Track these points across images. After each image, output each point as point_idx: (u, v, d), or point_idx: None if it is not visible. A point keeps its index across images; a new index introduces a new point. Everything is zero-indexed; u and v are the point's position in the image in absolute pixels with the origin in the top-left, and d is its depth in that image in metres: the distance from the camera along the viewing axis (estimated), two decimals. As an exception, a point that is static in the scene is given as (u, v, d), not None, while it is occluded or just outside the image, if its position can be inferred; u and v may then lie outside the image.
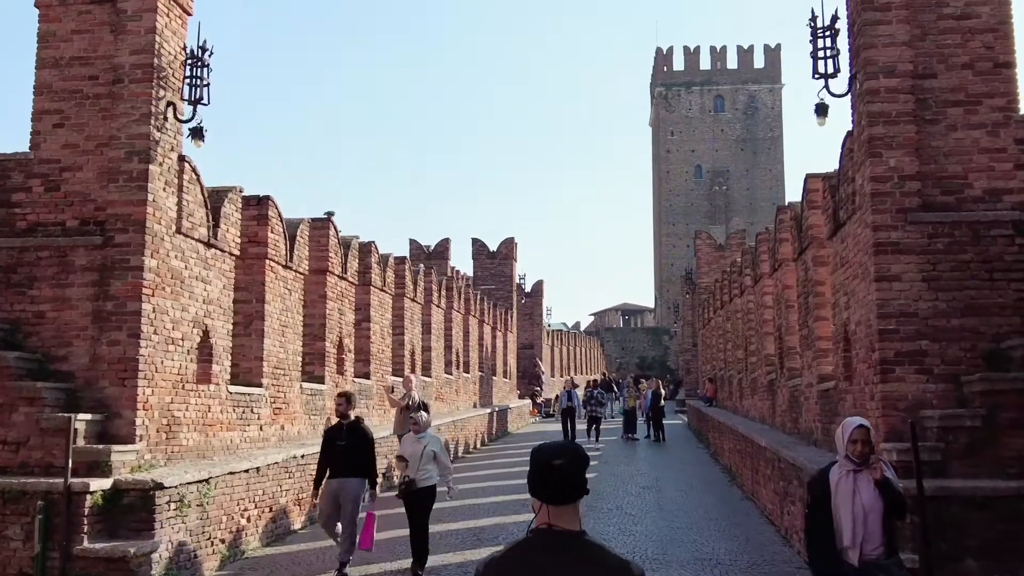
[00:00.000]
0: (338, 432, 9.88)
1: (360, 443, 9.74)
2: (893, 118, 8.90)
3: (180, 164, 10.12)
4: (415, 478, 9.65)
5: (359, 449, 9.72)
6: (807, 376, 12.43)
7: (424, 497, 9.71)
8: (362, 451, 9.74)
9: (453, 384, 25.40)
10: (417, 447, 9.85)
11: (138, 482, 8.71)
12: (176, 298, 10.00)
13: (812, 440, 12.08)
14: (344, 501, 9.62)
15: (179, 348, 10.05)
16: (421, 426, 10.09)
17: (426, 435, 10.03)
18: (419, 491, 9.63)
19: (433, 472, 9.82)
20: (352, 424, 9.90)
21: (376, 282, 17.57)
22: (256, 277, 12.37)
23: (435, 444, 10.01)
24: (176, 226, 10.02)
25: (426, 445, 9.83)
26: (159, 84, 9.77)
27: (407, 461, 9.85)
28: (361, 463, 9.72)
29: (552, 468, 2.62)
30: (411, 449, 9.93)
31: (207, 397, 10.65)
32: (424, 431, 10.08)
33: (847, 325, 9.96)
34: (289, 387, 13.10)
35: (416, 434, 10.06)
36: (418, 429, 10.08)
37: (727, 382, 25.08)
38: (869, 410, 9.02)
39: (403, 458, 10.00)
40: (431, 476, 9.78)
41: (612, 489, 16.14)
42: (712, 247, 36.63)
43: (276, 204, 12.62)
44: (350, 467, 9.67)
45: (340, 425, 9.96)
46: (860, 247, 9.24)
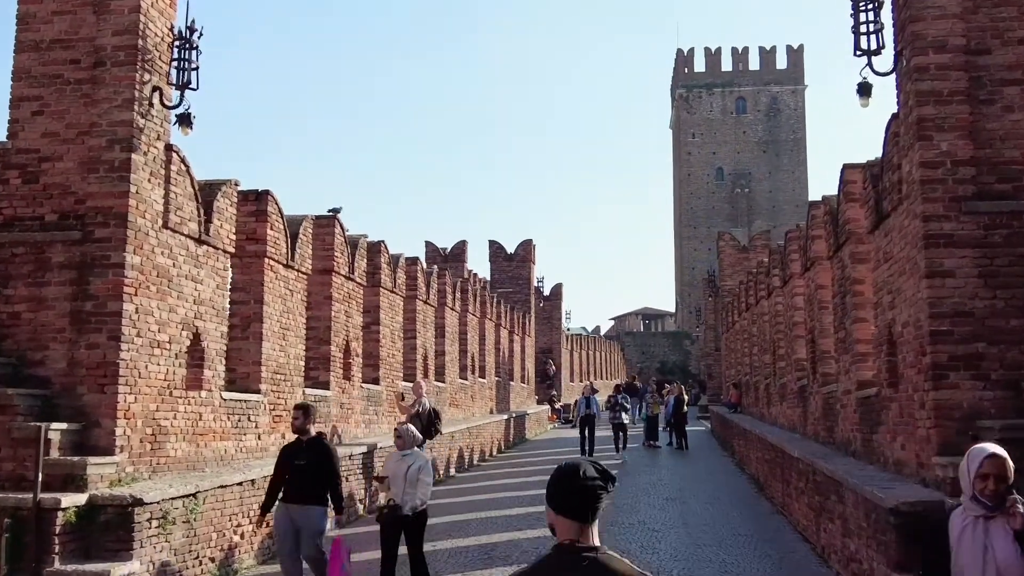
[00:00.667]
0: (296, 450, 8.58)
1: (322, 462, 8.41)
2: (944, 97, 8.06)
3: (167, 154, 9.41)
4: (399, 503, 8.38)
5: (321, 469, 8.39)
6: (844, 382, 11.55)
7: (412, 524, 8.48)
8: (324, 472, 8.41)
9: (468, 390, 24.62)
10: (401, 466, 8.53)
11: (115, 497, 7.98)
12: (163, 298, 9.28)
13: (850, 451, 11.20)
14: (306, 534, 8.32)
15: (166, 352, 9.33)
16: (405, 441, 8.75)
17: (412, 453, 8.68)
18: (405, 519, 8.38)
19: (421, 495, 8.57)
20: (312, 441, 8.60)
21: (386, 283, 16.83)
22: (254, 277, 11.65)
23: (421, 464, 8.63)
24: (163, 220, 9.30)
25: (411, 464, 8.49)
26: (144, 68, 9.07)
27: (388, 481, 8.65)
28: (323, 486, 8.41)
29: (587, 487, 2.67)
30: (394, 468, 8.62)
31: (198, 404, 9.93)
32: (410, 447, 8.73)
33: (892, 326, 9.10)
34: (290, 393, 12.36)
35: (400, 450, 8.74)
36: (402, 445, 8.74)
37: (753, 388, 24.16)
38: (919, 420, 8.17)
39: (383, 478, 8.81)
40: (418, 500, 8.51)
41: (633, 501, 15.29)
42: (735, 249, 35.67)
43: (276, 199, 11.90)
44: (310, 491, 8.36)
45: (298, 442, 8.66)
46: (908, 240, 8.39)
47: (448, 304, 22.17)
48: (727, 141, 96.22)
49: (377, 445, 14.45)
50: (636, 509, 14.38)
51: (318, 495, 8.38)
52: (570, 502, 2.68)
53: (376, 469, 12.97)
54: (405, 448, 8.71)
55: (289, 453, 8.64)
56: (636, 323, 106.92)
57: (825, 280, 12.91)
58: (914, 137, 8.11)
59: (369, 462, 14.05)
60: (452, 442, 19.89)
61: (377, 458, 14.55)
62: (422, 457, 8.79)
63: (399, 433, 8.91)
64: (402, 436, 8.81)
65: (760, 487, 16.86)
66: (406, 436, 8.79)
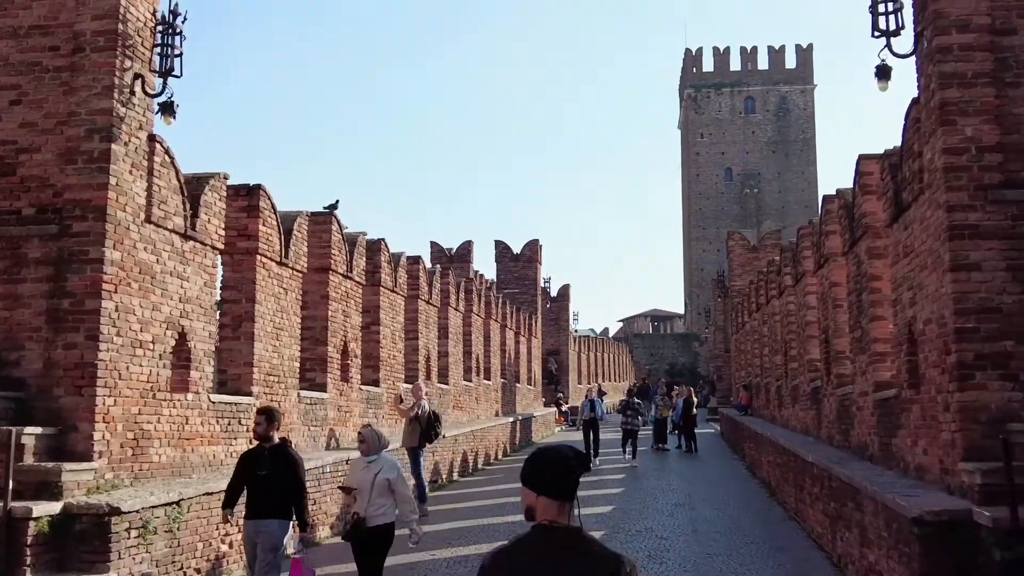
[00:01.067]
0: (258, 459, 7.74)
1: (285, 472, 7.61)
2: (969, 79, 7.58)
3: (150, 145, 8.99)
4: (365, 515, 7.59)
5: (284, 480, 7.59)
6: (860, 383, 11.06)
7: (377, 539, 7.62)
8: (287, 483, 7.61)
9: (473, 392, 24.16)
10: (366, 475, 7.71)
11: (91, 506, 7.54)
12: (145, 295, 8.86)
13: (867, 455, 10.71)
14: (261, 549, 7.52)
15: (149, 352, 8.90)
16: (370, 446, 7.89)
17: (379, 458, 7.85)
18: (370, 531, 7.58)
19: (388, 507, 7.71)
20: (275, 448, 7.75)
21: (386, 282, 16.38)
22: (246, 274, 11.23)
23: (390, 471, 7.80)
24: (145, 214, 8.88)
25: (378, 472, 7.68)
26: (125, 54, 8.66)
27: (355, 492, 7.79)
28: (285, 499, 7.61)
29: (568, 467, 2.81)
30: (359, 477, 7.79)
31: (184, 407, 9.50)
32: (376, 452, 7.88)
33: (912, 324, 8.62)
34: (284, 396, 11.93)
35: (365, 456, 7.90)
36: (366, 450, 7.90)
37: (763, 390, 23.65)
38: (942, 423, 7.69)
39: (350, 488, 7.92)
40: (385, 512, 7.68)
41: (641, 507, 14.82)
42: (745, 248, 35.11)
43: (269, 194, 11.47)
44: (271, 504, 7.56)
45: (260, 450, 7.81)
46: (930, 232, 7.91)
47: (451, 304, 21.72)
48: (736, 141, 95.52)
49: (376, 449, 14.00)
50: (644, 515, 13.91)
51: (281, 509, 7.62)
52: (552, 482, 2.81)
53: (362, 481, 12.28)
54: (370, 453, 7.89)
55: (250, 462, 7.80)
56: (645, 325, 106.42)
57: (840, 277, 12.42)
58: (936, 122, 7.63)
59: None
60: (455, 445, 19.45)
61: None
62: (389, 462, 7.95)
63: (362, 436, 8.04)
64: (366, 440, 7.95)
65: (772, 492, 16.37)
66: (370, 440, 7.93)
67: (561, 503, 2.81)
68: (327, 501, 11.93)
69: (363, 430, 8.17)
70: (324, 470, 11.86)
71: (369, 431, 8.07)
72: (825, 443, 13.64)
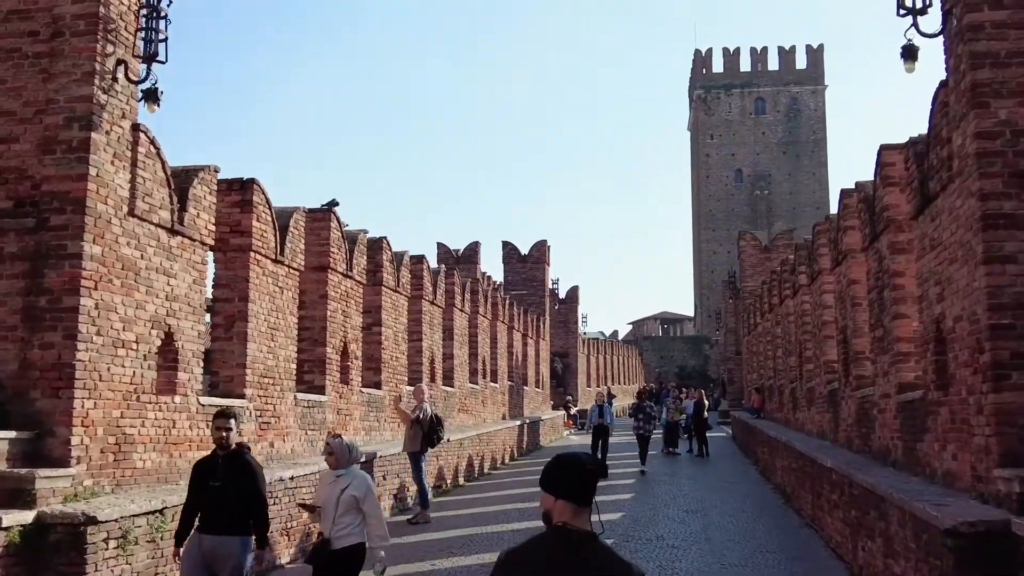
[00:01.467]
0: (211, 467, 6.87)
1: (242, 482, 6.77)
2: (1002, 59, 7.07)
3: (134, 134, 8.54)
4: (330, 536, 6.78)
5: (240, 491, 6.75)
6: (882, 385, 10.53)
7: (341, 562, 6.77)
8: (245, 494, 6.77)
9: (479, 395, 23.66)
10: (332, 490, 6.89)
11: (66, 515, 7.08)
12: (128, 293, 8.41)
13: (889, 460, 10.19)
14: (219, 569, 6.69)
15: (132, 352, 8.45)
16: (339, 458, 7.01)
17: (348, 473, 7.00)
18: (334, 554, 6.76)
19: (355, 526, 6.84)
20: (232, 455, 6.88)
21: (388, 282, 15.91)
22: (239, 272, 10.77)
23: (359, 486, 6.91)
24: (128, 207, 8.43)
25: (345, 488, 6.85)
26: (107, 38, 8.22)
27: (319, 511, 6.98)
28: (243, 512, 6.77)
29: (587, 471, 2.92)
30: (325, 493, 6.98)
31: (171, 411, 9.05)
32: (345, 466, 7.02)
33: (940, 321, 8.10)
34: (280, 398, 11.47)
35: (333, 470, 7.07)
36: (334, 463, 7.03)
37: (777, 392, 23.11)
38: (975, 426, 7.18)
39: (313, 507, 7.12)
40: (351, 532, 6.81)
41: (652, 513, 14.30)
42: (757, 249, 34.61)
43: (263, 189, 11.03)
44: (227, 518, 6.70)
45: (214, 457, 6.95)
46: (960, 223, 7.39)
47: (457, 305, 21.23)
48: (746, 142, 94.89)
49: (377, 454, 13.55)
50: (655, 522, 13.39)
51: (238, 523, 6.75)
52: (569, 486, 2.88)
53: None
54: (339, 467, 7.02)
55: (203, 471, 6.92)
56: (655, 327, 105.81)
57: (859, 274, 11.89)
58: (968, 105, 7.12)
59: (367, 472, 13.11)
60: (461, 450, 18.97)
61: (378, 468, 13.66)
62: (359, 477, 7.05)
63: (331, 448, 7.08)
64: (335, 452, 7.03)
65: (786, 497, 15.83)
66: (339, 451, 7.02)
67: (577, 507, 2.87)
68: (324, 508, 11.46)
69: (331, 440, 7.22)
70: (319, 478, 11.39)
71: (338, 442, 7.12)
72: (843, 447, 13.11)
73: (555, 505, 2.90)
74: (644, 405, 22.17)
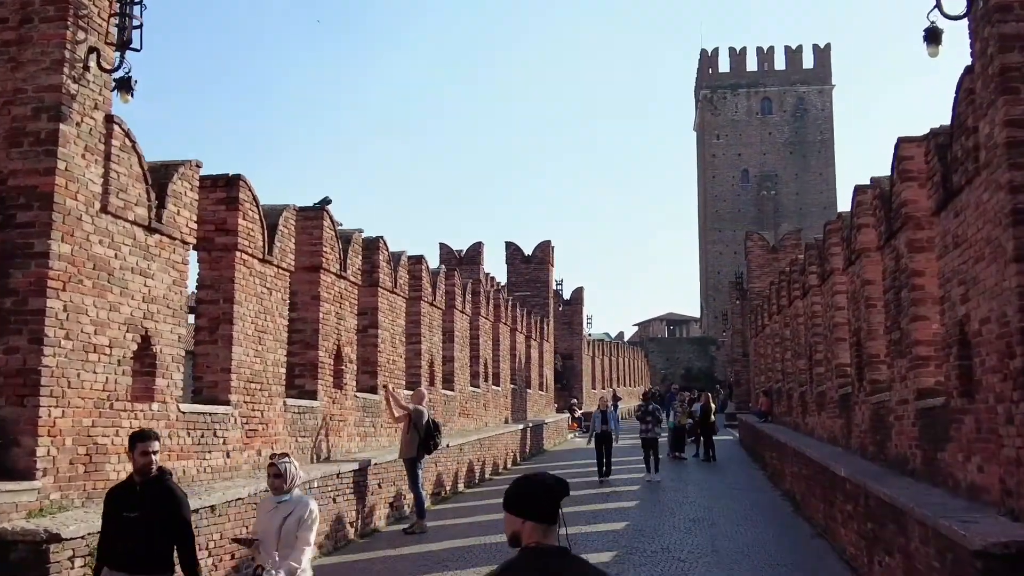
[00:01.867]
0: (127, 497, 5.87)
1: (164, 512, 5.77)
2: (1034, 42, 6.55)
3: (107, 126, 8.06)
4: (272, 571, 5.98)
5: (163, 523, 5.76)
6: (899, 390, 10.02)
7: None
8: (168, 528, 5.78)
9: (480, 398, 23.16)
10: (273, 518, 6.11)
11: (27, 532, 6.60)
12: (101, 294, 7.93)
13: (907, 470, 9.67)
14: None
15: (105, 357, 7.96)
16: (285, 481, 6.22)
17: (292, 498, 6.21)
18: None
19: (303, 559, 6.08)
20: (151, 483, 5.85)
21: (385, 283, 15.43)
22: (224, 272, 10.29)
23: (302, 512, 6.14)
24: (101, 203, 7.95)
25: (288, 515, 6.08)
26: (78, 24, 7.74)
27: (257, 543, 6.19)
28: (166, 548, 5.81)
29: (552, 490, 2.93)
30: (265, 522, 6.17)
31: (148, 419, 8.55)
32: (289, 491, 6.23)
33: (965, 324, 7.59)
34: (268, 404, 10.98)
35: (276, 495, 6.25)
36: (280, 486, 6.22)
37: (785, 395, 22.58)
38: (1004, 436, 6.66)
39: (250, 540, 6.32)
40: (293, 566, 6.04)
41: (657, 523, 13.78)
42: (764, 249, 34.07)
43: (250, 185, 10.55)
44: (146, 556, 5.72)
45: (130, 484, 5.98)
46: (987, 218, 6.88)
47: (457, 307, 20.73)
48: (752, 143, 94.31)
49: (371, 461, 13.06)
50: (659, 533, 12.87)
51: (160, 562, 5.81)
52: (537, 506, 2.90)
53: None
54: (283, 491, 6.21)
55: (117, 501, 5.92)
56: (661, 329, 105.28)
57: (874, 274, 11.37)
58: (996, 91, 6.60)
59: (361, 480, 12.65)
60: (461, 455, 18.47)
61: (372, 475, 13.18)
62: (303, 502, 6.26)
63: (277, 469, 6.22)
64: (282, 473, 6.20)
65: (796, 505, 15.30)
66: (288, 473, 6.20)
67: (547, 526, 2.90)
68: (314, 519, 10.98)
69: (278, 460, 6.31)
70: (311, 486, 10.91)
71: (286, 464, 6.27)
72: (856, 454, 12.60)
73: (523, 527, 2.92)
74: (651, 408, 21.11)
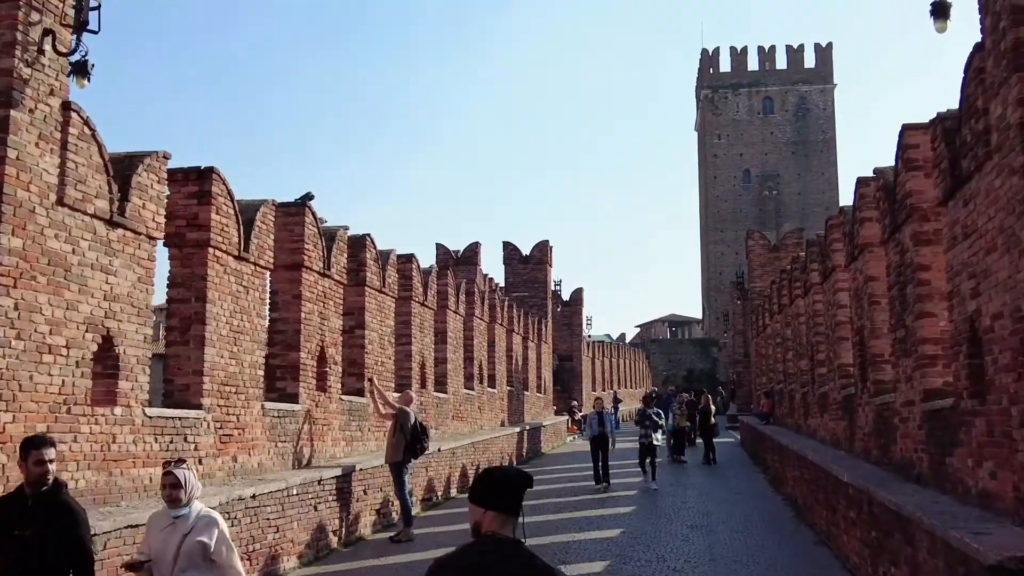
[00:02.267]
0: (18, 512, 5.13)
1: (58, 530, 5.12)
2: (1050, 14, 6.08)
3: (64, 114, 7.61)
4: None
5: (56, 544, 5.10)
6: (904, 391, 9.53)
7: None
8: (62, 547, 5.12)
9: (475, 401, 22.69)
10: (169, 537, 5.20)
11: (-30, 547, 6.15)
12: (57, 291, 7.47)
13: (913, 475, 9.19)
14: None
15: (62, 359, 7.50)
16: (184, 491, 5.28)
17: (190, 512, 5.28)
18: None
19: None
20: (46, 496, 5.17)
21: (372, 282, 14.96)
22: (196, 269, 9.83)
23: (206, 528, 5.24)
24: (57, 195, 7.48)
25: (187, 533, 5.19)
26: (31, 5, 7.28)
27: (149, 566, 5.26)
28: (60, 569, 5.14)
29: (513, 482, 3.09)
30: (160, 542, 5.24)
31: (110, 423, 8.09)
32: (187, 504, 5.29)
33: (975, 320, 7.11)
34: (245, 408, 10.52)
35: (171, 509, 5.30)
36: (177, 497, 5.26)
37: (786, 397, 22.09)
38: (1017, 440, 6.19)
39: (140, 564, 5.27)
40: None
41: (653, 530, 13.29)
42: (765, 248, 33.60)
43: (223, 178, 10.09)
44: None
45: (20, 498, 5.23)
46: (1000, 205, 6.40)
47: (450, 307, 20.25)
48: (754, 142, 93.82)
49: (356, 466, 12.59)
50: (656, 540, 12.39)
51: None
52: (497, 498, 3.06)
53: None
54: (180, 505, 5.26)
55: (5, 517, 5.17)
56: (663, 330, 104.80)
57: (877, 270, 10.89)
58: (1009, 68, 6.12)
59: (345, 487, 12.18)
60: (453, 459, 17.99)
61: (357, 481, 12.70)
62: (205, 517, 5.31)
63: (175, 477, 5.26)
64: (180, 482, 5.26)
65: (798, 511, 14.81)
66: (187, 482, 5.30)
67: (505, 517, 3.04)
68: (293, 528, 10.52)
69: (174, 469, 5.36)
70: (290, 493, 10.45)
71: (185, 473, 5.34)
72: (859, 458, 12.11)
73: (484, 516, 3.05)
74: (648, 413, 20.08)
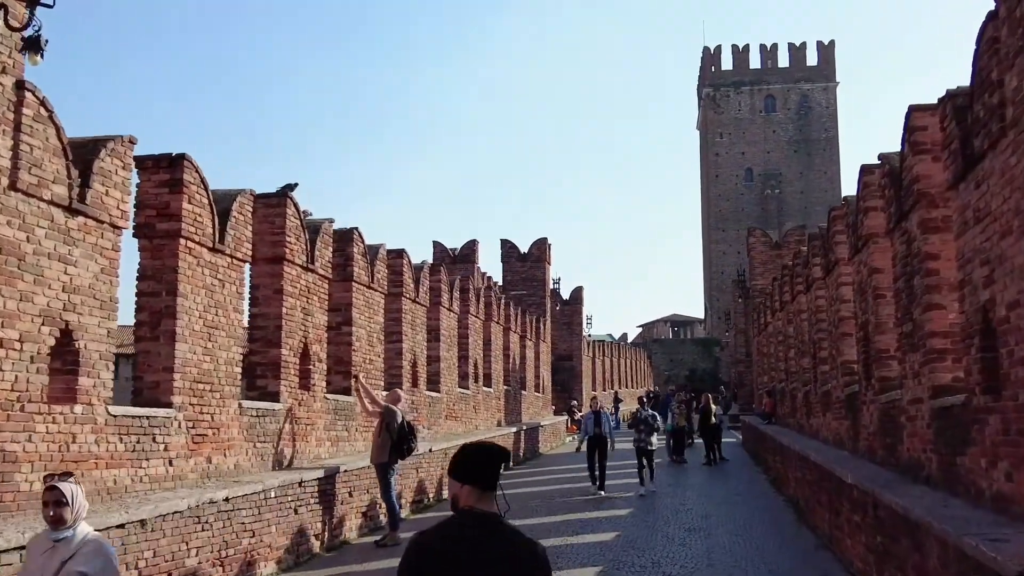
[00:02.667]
0: None
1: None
2: (1070, -23, 5.61)
3: (18, 93, 7.15)
4: None
5: None
6: (912, 388, 9.05)
7: None
8: None
9: (470, 400, 22.21)
10: (48, 564, 4.59)
11: (-97, 556, 5.70)
12: (9, 282, 7.01)
13: (921, 476, 8.71)
14: None
15: (15, 353, 7.04)
16: (69, 512, 4.66)
17: (74, 535, 4.65)
18: None
19: None
20: None
21: (360, 277, 14.49)
22: (167, 261, 9.36)
23: (90, 556, 4.58)
24: (9, 179, 7.03)
25: (68, 559, 4.56)
26: (-21, -23, 6.84)
27: None
28: None
29: (492, 456, 3.17)
30: (37, 568, 4.67)
31: (70, 422, 7.63)
32: (72, 524, 4.67)
33: (989, 310, 6.62)
34: (220, 407, 10.05)
35: (54, 530, 4.67)
36: (60, 518, 4.64)
37: (789, 396, 21.60)
38: (1037, 440, 5.70)
39: None
40: None
41: (649, 533, 12.81)
42: (767, 246, 33.14)
43: (196, 166, 9.62)
44: None
45: None
46: (1016, 184, 5.92)
47: (443, 304, 19.78)
48: (756, 141, 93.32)
49: (340, 468, 12.12)
50: (652, 544, 11.90)
51: None
52: (473, 471, 3.13)
53: None
54: (63, 526, 4.65)
55: None
56: (664, 330, 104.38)
57: (883, 262, 10.41)
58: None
59: (329, 489, 11.71)
60: (445, 460, 17.43)
61: (342, 483, 12.23)
62: (90, 541, 4.67)
63: (60, 493, 4.65)
64: (66, 500, 4.64)
65: (800, 513, 14.33)
66: (74, 499, 4.68)
67: (482, 491, 3.12)
68: (271, 532, 10.05)
69: (59, 483, 4.73)
70: (267, 495, 9.99)
71: (71, 487, 4.73)
72: (864, 458, 11.63)
73: (461, 491, 3.10)
74: (643, 416, 18.81)
